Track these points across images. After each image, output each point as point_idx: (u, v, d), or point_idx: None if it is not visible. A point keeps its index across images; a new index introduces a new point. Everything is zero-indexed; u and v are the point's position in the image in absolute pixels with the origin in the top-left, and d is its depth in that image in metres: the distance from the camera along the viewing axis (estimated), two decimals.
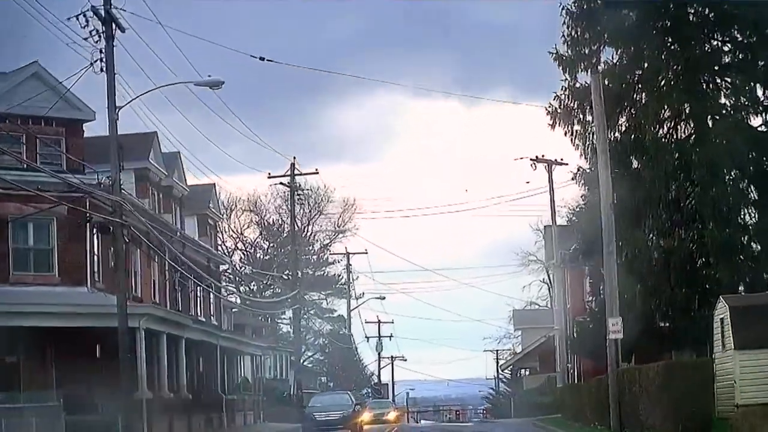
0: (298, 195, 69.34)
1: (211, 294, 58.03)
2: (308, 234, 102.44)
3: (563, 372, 60.03)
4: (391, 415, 68.97)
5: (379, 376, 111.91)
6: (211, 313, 58.94)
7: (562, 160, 58.67)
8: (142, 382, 38.48)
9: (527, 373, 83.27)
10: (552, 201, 59.18)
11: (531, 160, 57.53)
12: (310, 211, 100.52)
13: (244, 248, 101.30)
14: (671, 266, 35.68)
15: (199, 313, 56.37)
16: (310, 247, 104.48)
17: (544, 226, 69.07)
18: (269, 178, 67.45)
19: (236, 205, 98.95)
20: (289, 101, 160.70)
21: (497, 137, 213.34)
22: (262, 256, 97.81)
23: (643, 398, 30.90)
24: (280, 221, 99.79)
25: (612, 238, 33.44)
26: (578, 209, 45.93)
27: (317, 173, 69.35)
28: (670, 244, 35.76)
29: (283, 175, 67.36)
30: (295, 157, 68.46)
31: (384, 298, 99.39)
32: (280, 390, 73.85)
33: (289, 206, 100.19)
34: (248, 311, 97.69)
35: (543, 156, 58.07)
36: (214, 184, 61.50)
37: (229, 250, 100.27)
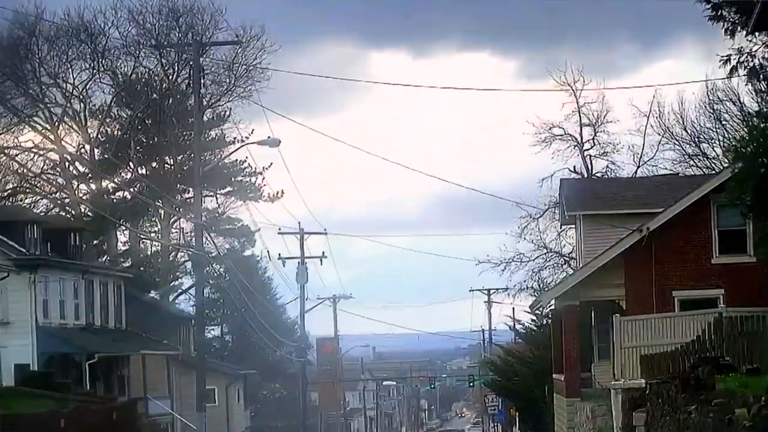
0: None
1: None
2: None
3: None
4: None
5: (302, 324, 69.62)
6: None
7: None
8: None
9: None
10: None
11: None
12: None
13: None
14: None
15: None
16: (206, 121, 65.80)
17: None
18: None
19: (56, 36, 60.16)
20: None
21: None
22: (110, 130, 59.38)
23: None
24: (142, 73, 61.21)
25: None
26: None
27: None
28: None
29: None
30: None
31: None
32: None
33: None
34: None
35: None
36: None
37: (56, 118, 61.84)
